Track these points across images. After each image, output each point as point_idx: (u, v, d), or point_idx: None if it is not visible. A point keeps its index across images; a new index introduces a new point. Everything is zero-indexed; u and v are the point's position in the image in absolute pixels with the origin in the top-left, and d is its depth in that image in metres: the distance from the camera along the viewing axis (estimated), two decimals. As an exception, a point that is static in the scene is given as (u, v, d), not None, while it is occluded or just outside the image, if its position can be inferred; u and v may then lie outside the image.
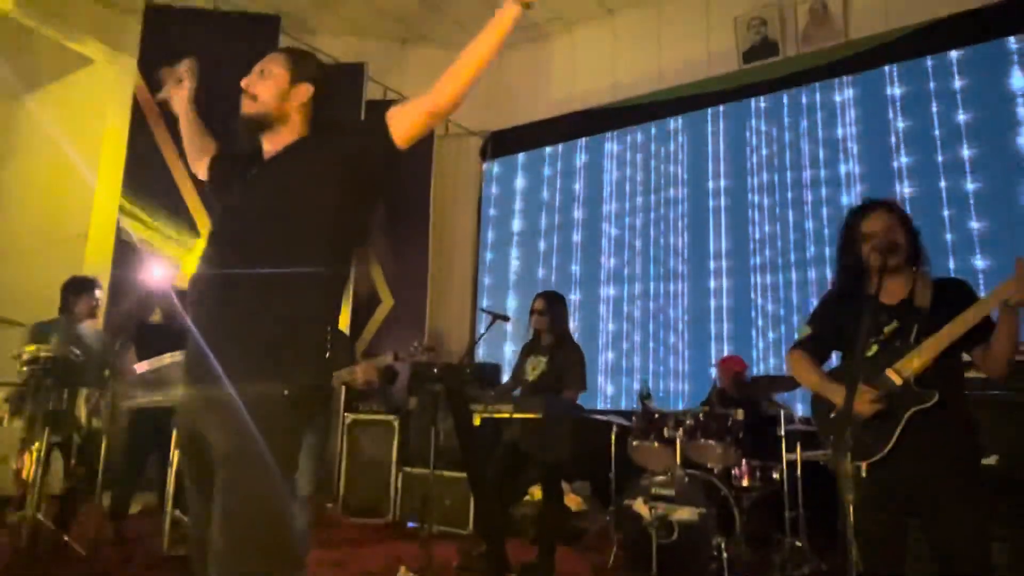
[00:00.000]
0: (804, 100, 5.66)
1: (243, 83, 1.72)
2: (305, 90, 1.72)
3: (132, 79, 5.59)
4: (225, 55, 5.28)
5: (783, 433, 3.74)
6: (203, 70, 2.04)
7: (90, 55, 6.85)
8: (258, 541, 1.42)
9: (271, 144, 1.73)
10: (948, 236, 4.81)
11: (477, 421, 3.49)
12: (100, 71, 6.97)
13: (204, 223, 5.30)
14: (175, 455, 3.32)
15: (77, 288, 3.79)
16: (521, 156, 7.26)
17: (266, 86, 1.71)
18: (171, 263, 4.97)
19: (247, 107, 1.70)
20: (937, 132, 5.00)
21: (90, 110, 6.97)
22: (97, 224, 6.40)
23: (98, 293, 3.89)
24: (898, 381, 1.98)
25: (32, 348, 3.24)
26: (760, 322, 5.50)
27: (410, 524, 4.90)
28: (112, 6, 6.49)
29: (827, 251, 5.20)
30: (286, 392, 1.48)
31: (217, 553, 1.41)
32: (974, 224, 4.74)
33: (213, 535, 1.42)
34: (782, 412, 3.83)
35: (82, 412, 3.30)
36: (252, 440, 1.43)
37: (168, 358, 3.29)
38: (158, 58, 5.43)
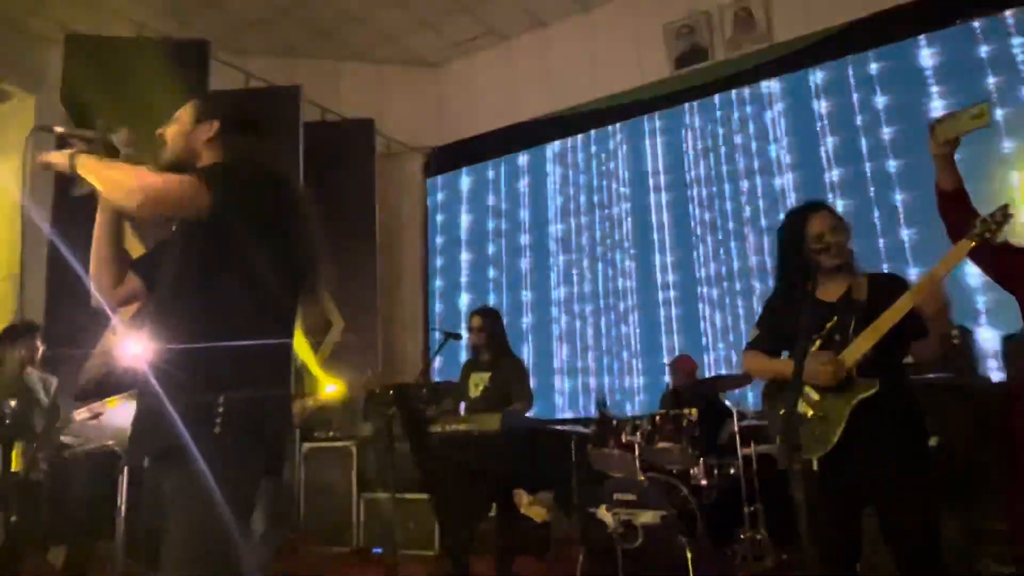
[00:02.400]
0: (735, 100, 5.88)
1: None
2: (210, 126, 1.76)
3: (55, 113, 5.38)
4: (152, 84, 5.14)
5: (737, 429, 3.82)
6: (131, 102, 1.96)
7: (11, 89, 6.59)
8: None
9: None
10: (875, 214, 5.10)
11: (435, 440, 3.48)
12: (22, 105, 6.71)
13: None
14: (123, 502, 3.19)
15: (13, 336, 3.62)
16: (464, 170, 7.29)
17: (171, 129, 1.77)
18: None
19: (162, 155, 1.75)
20: (859, 119, 5.28)
21: (12, 146, 6.69)
22: (29, 263, 6.13)
23: (37, 340, 3.72)
24: (841, 373, 2.04)
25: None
26: (707, 311, 5.69)
27: (375, 550, 4.82)
28: (33, 38, 6.26)
29: (765, 238, 5.48)
30: (218, 431, 1.51)
31: None
32: (898, 198, 5.03)
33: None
34: (735, 409, 3.91)
35: (18, 464, 3.14)
36: (194, 480, 1.47)
37: (106, 403, 3.17)
38: (81, 91, 5.30)
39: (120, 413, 3.16)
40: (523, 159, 6.95)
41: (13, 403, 3.14)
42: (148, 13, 6.13)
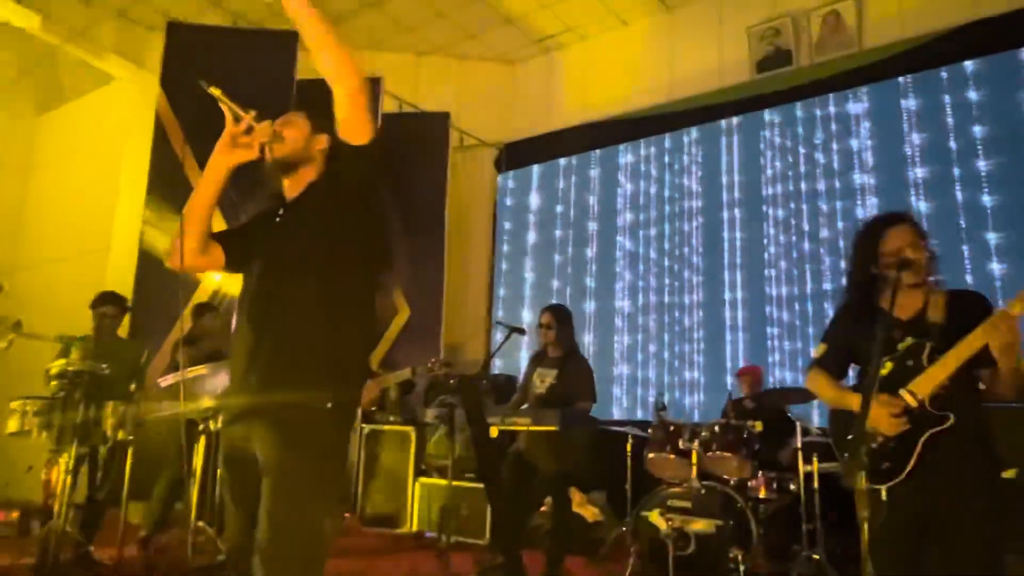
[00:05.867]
0: (818, 110, 5.66)
1: (269, 130, 1.83)
2: (324, 138, 1.90)
3: (154, 95, 5.70)
4: (245, 71, 5.39)
5: (800, 445, 3.73)
6: (224, 86, 2.00)
7: (113, 72, 6.99)
8: (301, 545, 1.57)
9: (293, 184, 1.88)
10: (964, 247, 4.78)
11: (494, 433, 3.53)
12: (122, 88, 7.11)
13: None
14: (199, 466, 3.38)
15: (103, 303, 3.91)
16: (535, 167, 7.31)
17: (292, 130, 1.87)
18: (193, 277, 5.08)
19: (277, 149, 1.84)
20: (952, 143, 4.98)
21: (112, 126, 7.12)
22: (119, 238, 6.53)
23: (125, 309, 4.00)
24: (913, 403, 1.95)
25: (60, 362, 3.33)
26: (775, 332, 5.49)
27: (427, 534, 4.93)
28: (135, 24, 6.64)
29: (842, 263, 5.18)
30: (330, 405, 1.65)
31: (263, 555, 1.55)
32: (991, 236, 4.71)
33: (259, 538, 1.56)
34: (799, 424, 3.82)
35: (108, 424, 3.37)
36: (300, 451, 1.60)
37: (191, 372, 3.36)
38: (180, 75, 5.60)
39: (199, 383, 3.35)
40: (595, 160, 6.90)
41: (105, 367, 3.36)
42: (244, 4, 6.41)
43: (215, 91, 1.78)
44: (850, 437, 2.03)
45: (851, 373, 2.33)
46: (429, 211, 6.70)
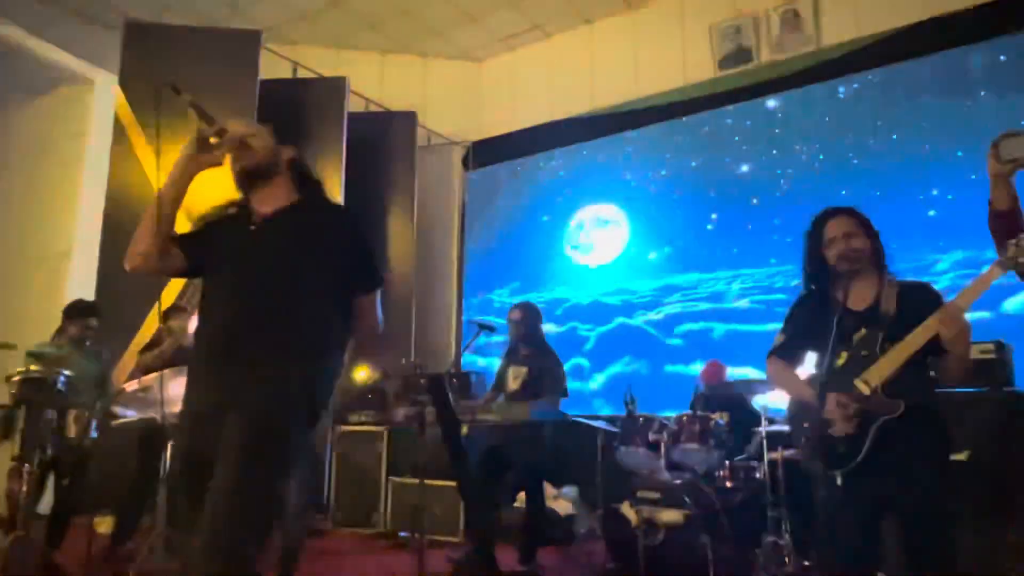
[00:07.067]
0: (778, 105, 5.79)
1: (236, 139, 1.82)
2: (290, 149, 1.95)
3: (113, 95, 5.59)
4: (208, 71, 5.32)
5: (765, 433, 3.82)
6: (186, 87, 1.94)
7: (72, 71, 6.83)
8: (248, 522, 1.57)
9: (264, 197, 1.88)
10: (919, 241, 4.93)
11: (465, 430, 3.56)
12: (82, 87, 6.95)
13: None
14: (165, 471, 3.34)
15: (74, 312, 3.86)
16: (502, 165, 7.34)
17: (259, 140, 1.86)
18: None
19: (245, 159, 1.84)
20: (906, 130, 5.15)
21: (72, 126, 6.96)
22: (81, 241, 6.40)
23: (93, 320, 3.92)
24: (866, 391, 2.03)
25: (21, 370, 3.26)
26: (742, 325, 5.61)
27: (401, 533, 4.94)
28: (94, 22, 6.49)
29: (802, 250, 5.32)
30: (298, 390, 1.72)
31: (209, 527, 1.54)
32: (942, 230, 4.86)
33: (207, 511, 1.55)
34: (763, 413, 3.91)
35: (72, 432, 3.31)
36: (261, 429, 1.63)
37: (153, 377, 3.32)
38: (139, 75, 5.50)
39: (164, 387, 3.31)
40: (561, 157, 6.97)
41: (69, 373, 3.30)
42: (205, 2, 6.31)
43: (186, 96, 1.78)
44: (806, 425, 2.13)
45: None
46: (397, 210, 6.69)
